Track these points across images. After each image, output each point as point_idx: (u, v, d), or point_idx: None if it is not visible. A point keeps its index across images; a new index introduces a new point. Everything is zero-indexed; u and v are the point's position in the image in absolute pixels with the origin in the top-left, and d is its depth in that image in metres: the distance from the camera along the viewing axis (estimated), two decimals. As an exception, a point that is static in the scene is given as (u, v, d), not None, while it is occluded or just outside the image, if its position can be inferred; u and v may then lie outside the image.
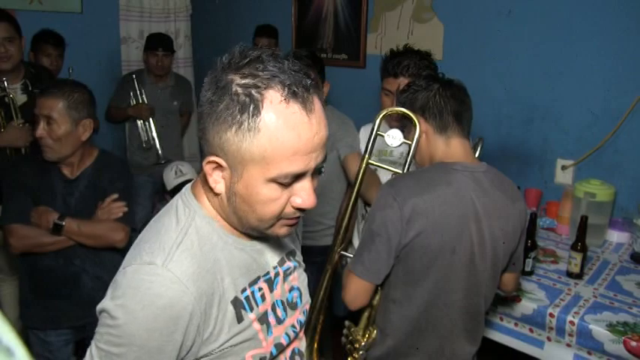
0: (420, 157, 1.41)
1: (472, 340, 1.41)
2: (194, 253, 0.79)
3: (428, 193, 1.25)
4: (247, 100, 0.72)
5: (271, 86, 0.72)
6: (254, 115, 0.72)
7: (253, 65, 0.74)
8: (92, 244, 1.73)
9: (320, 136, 0.76)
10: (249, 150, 0.73)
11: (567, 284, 1.82)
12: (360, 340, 1.42)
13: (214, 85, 0.75)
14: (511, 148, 2.61)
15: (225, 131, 0.74)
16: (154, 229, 0.84)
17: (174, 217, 0.83)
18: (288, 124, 0.72)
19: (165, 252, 0.78)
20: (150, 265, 0.76)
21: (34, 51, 2.81)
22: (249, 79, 0.73)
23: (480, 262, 1.30)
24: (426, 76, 1.41)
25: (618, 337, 1.52)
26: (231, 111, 0.73)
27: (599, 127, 2.35)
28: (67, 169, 1.76)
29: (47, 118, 1.65)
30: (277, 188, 0.77)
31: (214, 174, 0.79)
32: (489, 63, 2.64)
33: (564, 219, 2.27)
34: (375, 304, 1.39)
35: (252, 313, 0.86)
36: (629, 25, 2.24)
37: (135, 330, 0.74)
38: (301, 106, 0.73)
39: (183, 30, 3.81)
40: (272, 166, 0.74)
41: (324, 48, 3.37)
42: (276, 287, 0.92)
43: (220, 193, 0.81)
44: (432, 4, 2.84)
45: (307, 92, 0.74)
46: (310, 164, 0.76)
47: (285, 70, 0.74)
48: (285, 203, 0.79)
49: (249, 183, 0.76)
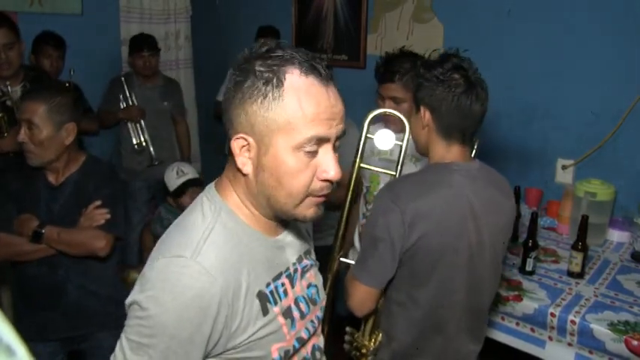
0: (417, 141, 1.37)
1: (475, 339, 1.41)
2: (221, 246, 0.82)
3: (428, 196, 1.24)
4: (270, 74, 0.79)
5: (291, 63, 0.80)
6: (277, 86, 0.78)
7: (273, 51, 0.81)
8: (73, 252, 1.67)
9: (338, 108, 0.82)
10: (275, 119, 0.79)
11: (568, 284, 1.82)
12: (368, 345, 1.41)
13: (238, 70, 0.82)
14: (511, 147, 2.61)
15: (250, 105, 0.80)
16: (180, 226, 0.87)
17: (200, 213, 0.86)
18: (308, 92, 0.79)
19: (193, 245, 0.81)
20: (179, 258, 0.79)
21: (35, 53, 2.81)
22: (270, 60, 0.80)
23: (479, 260, 1.30)
24: (454, 66, 1.24)
25: (619, 337, 1.52)
26: (256, 86, 0.79)
27: (599, 126, 2.36)
28: (52, 175, 1.71)
29: (28, 123, 1.61)
30: (303, 157, 0.81)
31: (242, 154, 0.83)
32: (489, 63, 2.61)
33: (565, 218, 2.27)
34: (378, 307, 1.39)
35: (277, 306, 0.89)
36: (629, 24, 2.24)
37: (166, 320, 0.77)
38: (318, 79, 0.80)
39: (183, 31, 3.81)
40: (296, 131, 0.79)
41: (324, 48, 3.37)
42: (296, 283, 0.95)
43: (248, 173, 0.84)
44: (431, 4, 2.84)
45: (324, 68, 0.81)
46: (331, 130, 0.81)
47: (302, 53, 0.81)
48: (312, 176, 0.83)
49: (276, 154, 0.80)
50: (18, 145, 2.19)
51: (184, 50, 3.83)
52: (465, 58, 1.27)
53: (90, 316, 1.75)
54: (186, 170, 2.45)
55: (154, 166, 3.11)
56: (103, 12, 3.38)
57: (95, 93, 3.10)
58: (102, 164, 1.84)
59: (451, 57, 1.27)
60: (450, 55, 1.28)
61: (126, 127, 3.14)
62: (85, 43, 3.14)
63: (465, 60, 1.27)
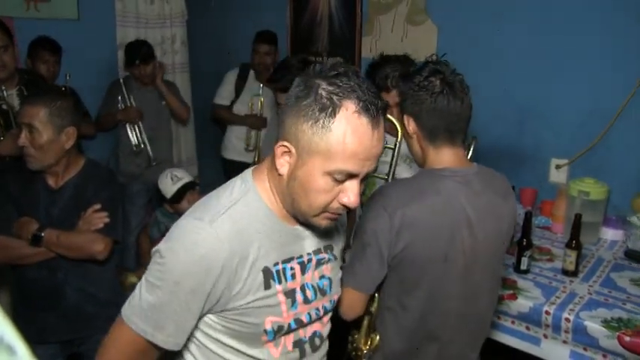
0: (414, 155, 1.38)
1: (473, 345, 1.41)
2: (237, 220, 0.92)
3: (417, 203, 1.23)
4: (327, 102, 0.86)
5: (350, 97, 0.86)
6: (330, 116, 0.85)
7: (339, 77, 0.87)
8: (72, 255, 1.67)
9: (377, 149, 0.89)
10: (318, 143, 0.86)
11: (563, 282, 1.84)
12: (363, 349, 1.41)
13: (303, 84, 0.89)
14: (505, 148, 2.63)
15: (302, 123, 0.87)
16: (212, 197, 0.98)
17: (230, 189, 0.98)
18: (355, 131, 0.86)
19: (212, 213, 0.92)
20: (198, 221, 0.91)
21: (31, 58, 2.82)
22: (334, 87, 0.86)
23: (475, 267, 1.29)
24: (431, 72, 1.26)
25: (613, 333, 1.54)
26: (312, 107, 0.86)
27: (592, 126, 2.38)
28: (51, 178, 1.72)
29: (29, 127, 1.62)
30: (331, 182, 0.89)
31: (283, 157, 0.92)
32: (482, 64, 2.66)
33: (559, 217, 2.29)
34: (373, 310, 1.39)
35: (280, 285, 0.97)
36: (620, 25, 2.27)
37: (175, 269, 0.89)
38: (369, 120, 0.86)
39: (179, 35, 3.81)
40: (332, 161, 0.87)
41: (319, 51, 3.39)
42: (307, 271, 1.03)
43: (283, 174, 0.93)
44: (425, 6, 2.87)
45: (377, 111, 0.87)
46: (363, 169, 0.89)
47: (364, 89, 0.87)
48: (333, 197, 0.91)
49: (310, 171, 0.89)
50: (14, 149, 2.19)
51: (180, 54, 3.84)
52: (442, 62, 1.29)
53: (89, 319, 1.75)
54: (180, 175, 2.41)
55: (151, 168, 3.11)
56: (99, 17, 3.39)
57: (91, 97, 3.11)
58: (101, 168, 1.85)
59: (429, 63, 1.29)
60: (427, 62, 1.29)
61: (124, 129, 3.15)
62: (82, 48, 3.15)
63: (442, 63, 1.28)
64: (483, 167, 1.35)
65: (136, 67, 3.05)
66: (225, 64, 3.63)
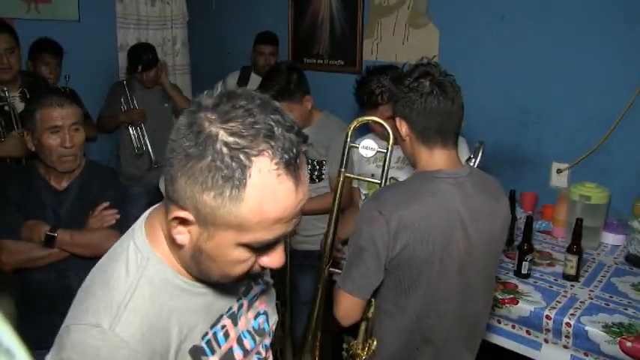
0: (408, 157, 1.38)
1: (470, 347, 1.41)
2: (145, 310, 0.73)
3: (412, 205, 1.23)
4: (234, 165, 0.63)
5: (261, 152, 0.64)
6: (239, 185, 0.64)
7: (243, 119, 0.65)
8: (87, 253, 1.66)
9: (302, 202, 0.70)
10: (226, 217, 0.66)
11: (563, 286, 1.84)
12: (361, 354, 1.40)
13: (194, 135, 0.65)
14: (506, 151, 2.62)
15: (201, 193, 0.65)
16: (102, 280, 0.77)
17: (124, 266, 0.76)
18: (274, 197, 0.66)
19: (112, 312, 0.71)
20: (97, 328, 0.70)
21: (32, 60, 2.81)
22: (237, 138, 0.64)
23: (470, 268, 1.29)
24: (421, 74, 1.27)
25: (614, 338, 1.53)
26: (212, 174, 0.64)
27: (593, 130, 2.38)
28: (56, 180, 1.72)
29: (74, 126, 1.66)
30: (248, 252, 0.71)
31: (179, 227, 0.72)
32: (484, 67, 2.66)
33: (560, 222, 2.29)
34: (370, 316, 1.39)
35: (215, 355, 0.82)
36: (621, 29, 2.26)
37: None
38: (291, 177, 0.66)
39: (180, 37, 3.82)
40: (249, 233, 0.68)
41: (320, 54, 3.39)
42: (240, 319, 0.89)
43: (184, 245, 0.73)
44: (427, 9, 2.87)
45: (298, 158, 0.67)
46: (289, 229, 0.71)
47: (278, 130, 0.65)
48: (253, 263, 0.74)
49: (219, 245, 0.70)
50: (16, 151, 2.20)
51: (181, 56, 3.85)
52: (432, 64, 1.30)
53: None
54: None
55: (153, 171, 3.11)
56: (100, 18, 3.40)
57: (92, 99, 3.11)
58: (103, 167, 1.87)
59: (419, 66, 1.29)
60: (417, 65, 1.30)
61: (126, 131, 3.14)
62: (82, 50, 3.15)
63: (432, 65, 1.29)
64: (475, 169, 1.37)
65: (138, 73, 3.05)
66: (227, 65, 3.63)
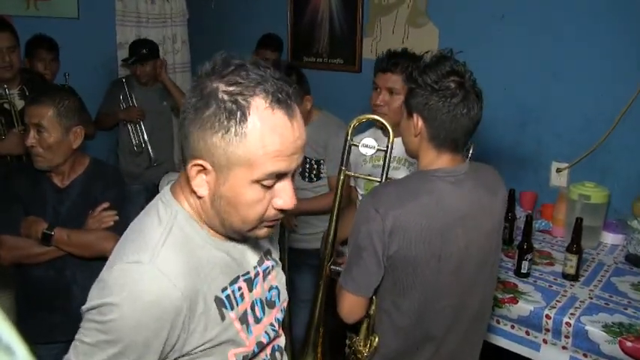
0: (409, 147, 1.35)
1: (472, 344, 1.40)
2: (179, 250, 0.81)
3: (408, 204, 1.22)
4: (234, 107, 0.75)
5: (256, 93, 0.76)
6: (241, 122, 0.75)
7: (237, 73, 0.77)
8: (82, 253, 1.67)
9: (301, 140, 0.81)
10: (236, 153, 0.77)
11: (563, 286, 1.83)
12: (362, 351, 1.40)
13: (199, 92, 0.77)
14: (506, 151, 2.62)
15: (211, 136, 0.77)
16: (136, 229, 0.86)
17: (156, 216, 0.85)
18: (273, 129, 0.77)
19: (150, 249, 0.79)
20: (137, 264, 0.78)
21: (29, 57, 2.80)
22: (235, 86, 0.76)
23: (469, 264, 1.28)
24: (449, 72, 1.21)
25: (614, 338, 1.53)
26: (218, 117, 0.76)
27: (592, 130, 2.37)
28: (57, 177, 1.72)
29: (37, 127, 1.62)
30: (261, 190, 0.80)
31: (198, 177, 0.81)
32: (483, 67, 2.63)
33: (559, 221, 2.28)
34: (372, 313, 1.38)
35: (233, 312, 0.88)
36: (621, 29, 2.26)
37: (123, 326, 0.76)
38: (284, 112, 0.78)
39: (180, 35, 3.81)
40: (257, 167, 0.78)
41: (319, 53, 3.38)
42: (255, 287, 0.95)
43: (203, 196, 0.83)
44: (426, 9, 2.86)
45: (289, 99, 0.79)
46: (292, 165, 0.81)
47: (268, 78, 0.77)
48: (267, 205, 0.83)
49: (234, 185, 0.79)
50: (16, 148, 2.20)
51: (181, 54, 3.84)
52: (459, 62, 1.25)
53: None
54: None
55: (152, 169, 3.11)
56: (99, 16, 3.39)
57: (91, 96, 3.09)
58: (107, 166, 1.86)
59: (446, 61, 1.23)
60: (444, 58, 1.24)
61: (125, 128, 3.14)
62: (81, 47, 3.14)
63: (460, 64, 1.24)
64: (473, 163, 1.35)
65: (135, 67, 3.04)
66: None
